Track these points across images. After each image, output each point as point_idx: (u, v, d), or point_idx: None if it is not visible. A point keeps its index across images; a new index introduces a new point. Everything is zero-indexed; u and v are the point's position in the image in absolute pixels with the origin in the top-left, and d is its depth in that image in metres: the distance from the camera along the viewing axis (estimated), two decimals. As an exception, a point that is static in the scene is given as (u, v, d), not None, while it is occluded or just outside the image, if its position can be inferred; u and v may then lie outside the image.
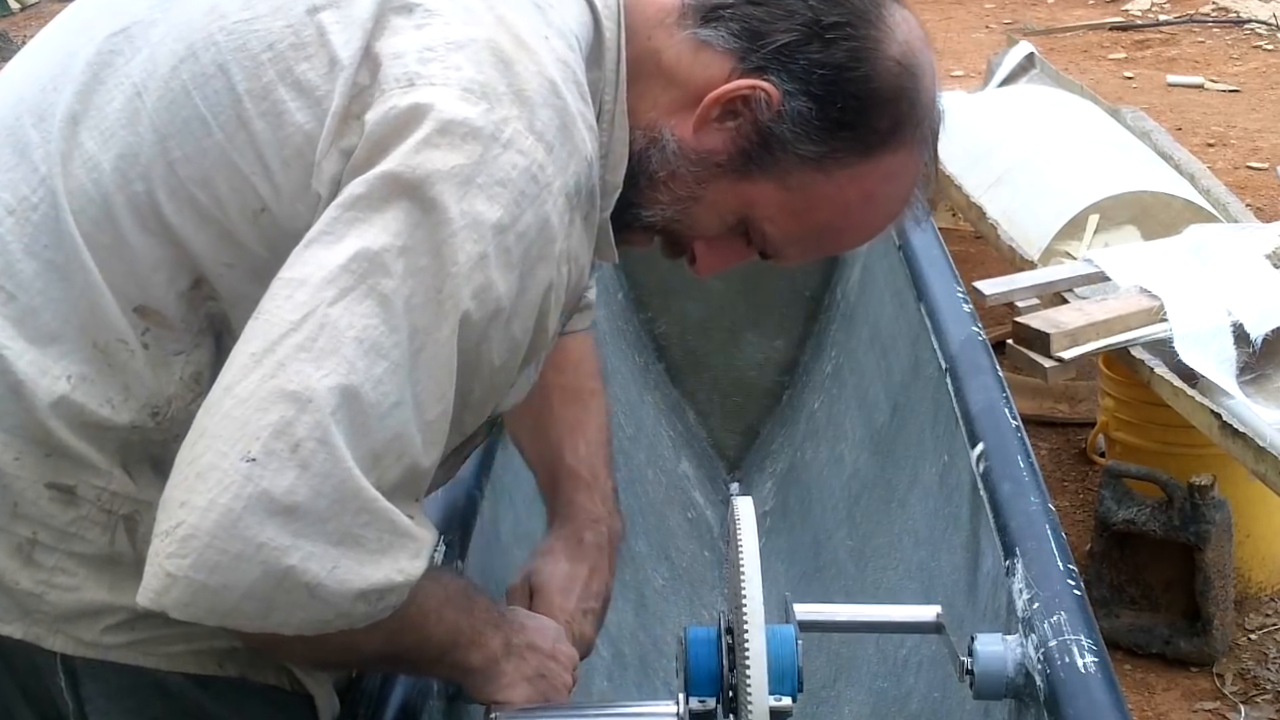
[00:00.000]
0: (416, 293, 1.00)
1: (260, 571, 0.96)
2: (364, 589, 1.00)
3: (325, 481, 0.97)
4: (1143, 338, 2.71)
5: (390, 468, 1.01)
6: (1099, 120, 4.01)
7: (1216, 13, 8.09)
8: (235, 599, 0.97)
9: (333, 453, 0.97)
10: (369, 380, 0.98)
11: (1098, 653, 1.31)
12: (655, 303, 3.21)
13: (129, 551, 1.12)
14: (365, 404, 0.98)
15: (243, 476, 0.96)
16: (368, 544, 1.00)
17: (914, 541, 2.11)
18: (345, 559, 0.99)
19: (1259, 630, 2.94)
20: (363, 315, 0.99)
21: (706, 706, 1.32)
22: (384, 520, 1.01)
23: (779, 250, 1.25)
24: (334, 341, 0.98)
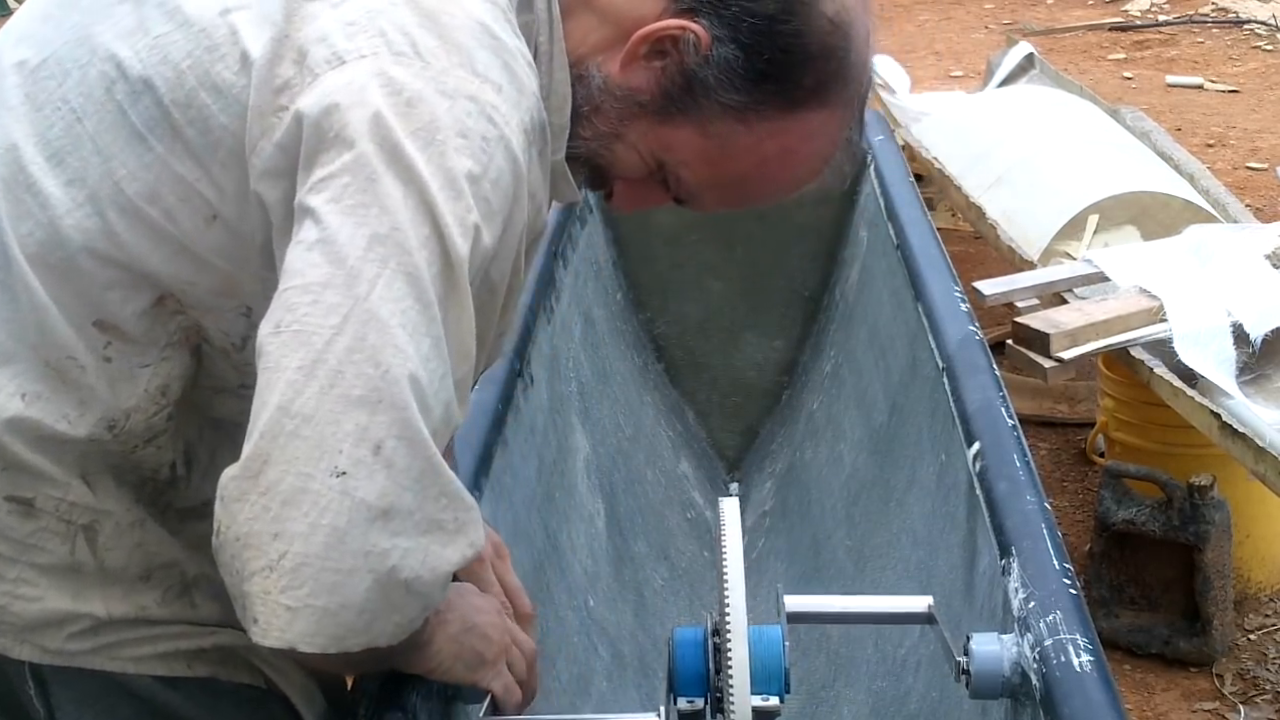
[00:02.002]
0: (431, 263, 0.99)
1: (371, 580, 0.96)
2: (448, 571, 1.01)
3: (408, 475, 0.97)
4: (1142, 338, 2.71)
5: (444, 436, 1.01)
6: (1098, 121, 4.01)
7: (1216, 13, 8.09)
8: (352, 616, 0.96)
9: (412, 445, 0.97)
10: (421, 362, 0.98)
11: (1093, 652, 1.31)
12: (654, 303, 3.22)
13: (90, 560, 1.12)
14: (424, 386, 0.98)
15: (338, 492, 0.95)
16: (447, 525, 1.00)
17: (912, 541, 2.12)
18: (433, 545, 0.99)
19: (1258, 630, 2.94)
20: (398, 299, 0.98)
21: (695, 707, 1.32)
22: (459, 499, 1.01)
23: (693, 196, 1.23)
24: (382, 335, 0.97)
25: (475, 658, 1.24)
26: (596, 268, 2.99)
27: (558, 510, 2.24)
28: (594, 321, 2.86)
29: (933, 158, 3.93)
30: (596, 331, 2.85)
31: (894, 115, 4.31)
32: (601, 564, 2.36)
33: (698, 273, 3.20)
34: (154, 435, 1.11)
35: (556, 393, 2.43)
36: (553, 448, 2.31)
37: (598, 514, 2.45)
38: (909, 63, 6.01)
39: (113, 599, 1.13)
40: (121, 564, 1.13)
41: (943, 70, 7.28)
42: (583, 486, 2.43)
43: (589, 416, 2.60)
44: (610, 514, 2.50)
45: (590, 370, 2.71)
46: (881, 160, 3.06)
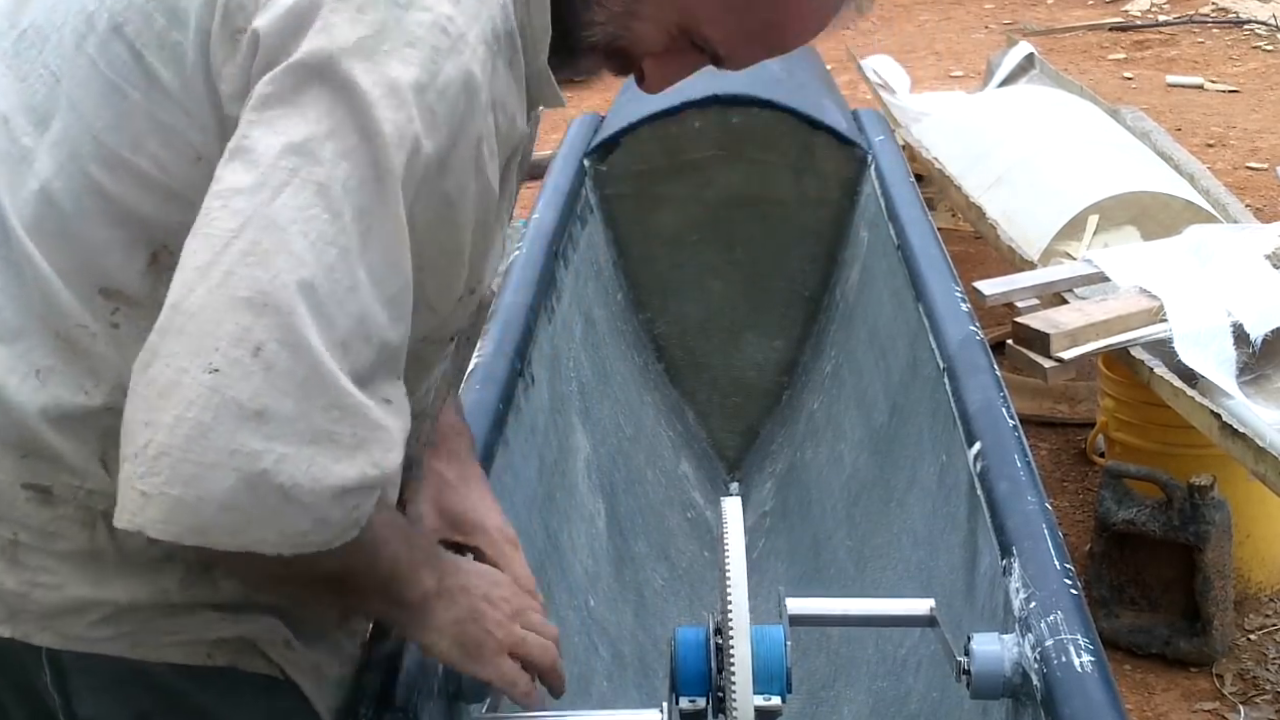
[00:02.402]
0: (351, 174, 0.98)
1: (235, 479, 0.95)
2: (340, 486, 0.98)
3: (290, 381, 0.96)
4: (1142, 338, 2.71)
5: (361, 352, 1.00)
6: (1099, 121, 4.01)
7: (1216, 13, 8.09)
8: (212, 511, 0.95)
9: (296, 352, 0.96)
10: (321, 270, 0.97)
11: (1094, 652, 1.31)
12: (655, 303, 3.22)
13: (109, 546, 1.12)
14: (322, 295, 0.97)
15: (207, 388, 0.94)
16: (342, 440, 0.98)
17: (912, 541, 2.12)
18: (320, 457, 0.97)
19: (1259, 631, 2.94)
20: (303, 207, 0.97)
21: (697, 706, 1.32)
22: (356, 415, 0.99)
23: (728, 53, 1.20)
24: (279, 240, 0.96)
25: (474, 647, 1.23)
26: (597, 268, 2.99)
27: (558, 510, 2.24)
28: (594, 321, 2.86)
29: (933, 158, 3.93)
30: (597, 331, 2.85)
31: (894, 115, 4.31)
32: (602, 564, 2.37)
33: (698, 273, 3.20)
34: None
35: (557, 393, 2.43)
36: (553, 448, 2.31)
37: (598, 514, 2.45)
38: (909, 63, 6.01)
39: (134, 584, 1.13)
40: (141, 546, 1.11)
41: (943, 70, 7.28)
42: (583, 486, 2.43)
43: (589, 416, 2.60)
44: (611, 514, 2.50)
45: (591, 370, 2.71)
46: (882, 160, 3.06)
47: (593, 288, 2.91)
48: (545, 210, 2.77)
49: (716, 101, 3.07)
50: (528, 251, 2.55)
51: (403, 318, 1.03)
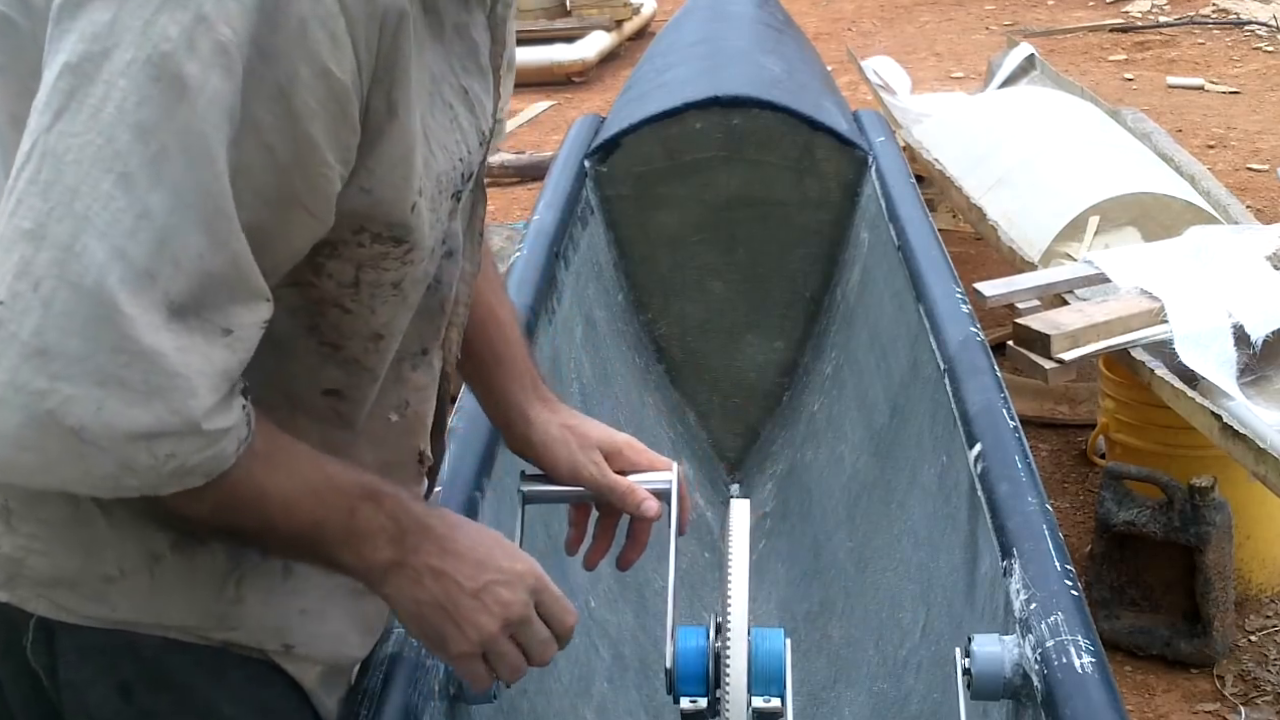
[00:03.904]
0: (130, 92, 0.92)
1: (22, 416, 0.92)
2: (132, 431, 0.94)
3: (73, 320, 0.92)
4: (1143, 339, 2.71)
5: (173, 280, 0.94)
6: (1099, 122, 4.01)
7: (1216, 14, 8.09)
8: (8, 449, 0.93)
9: (77, 289, 0.91)
10: (98, 200, 0.92)
11: (1095, 653, 1.31)
12: (655, 304, 3.22)
13: (96, 511, 1.10)
14: (102, 227, 0.92)
15: None
16: (133, 385, 0.93)
17: (913, 542, 2.12)
18: (110, 400, 0.93)
19: (1259, 632, 2.94)
20: (77, 134, 0.92)
21: (698, 706, 1.32)
22: (148, 359, 0.93)
23: None
24: (55, 170, 0.92)
25: (435, 637, 1.18)
26: (598, 269, 2.99)
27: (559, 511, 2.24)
28: (595, 323, 2.86)
29: (933, 159, 3.93)
30: (597, 333, 2.85)
31: (895, 116, 4.31)
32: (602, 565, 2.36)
33: (699, 274, 3.20)
34: None
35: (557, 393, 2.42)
36: (554, 449, 2.30)
37: (599, 515, 2.45)
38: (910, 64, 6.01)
39: (126, 551, 1.11)
40: (132, 512, 1.10)
41: (943, 71, 7.29)
42: (584, 487, 2.42)
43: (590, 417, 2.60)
44: (611, 515, 2.49)
45: (591, 371, 2.71)
46: (882, 161, 3.07)
47: (593, 289, 2.91)
48: (546, 211, 2.77)
49: (717, 103, 3.07)
50: (528, 252, 2.55)
51: (224, 239, 0.96)
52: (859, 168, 3.12)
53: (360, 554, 1.12)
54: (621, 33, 8.23)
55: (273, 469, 1.05)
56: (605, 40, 8.01)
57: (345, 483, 1.11)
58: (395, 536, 1.13)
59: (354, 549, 1.12)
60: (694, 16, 3.90)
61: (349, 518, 1.11)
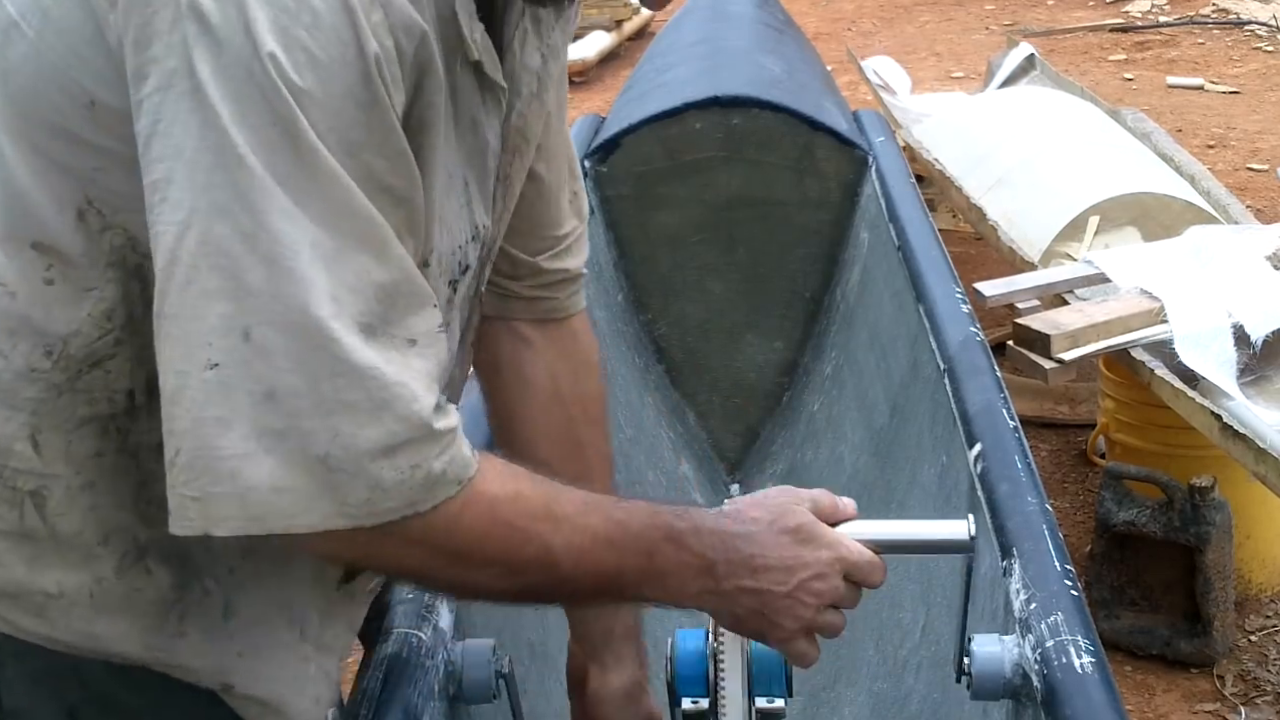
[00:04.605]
0: (258, 137, 0.94)
1: (272, 461, 0.94)
2: (371, 450, 0.96)
3: (288, 358, 0.94)
4: (1143, 339, 2.71)
5: (354, 301, 0.96)
6: (1099, 122, 4.01)
7: (1216, 14, 8.09)
8: (264, 496, 0.95)
9: (284, 326, 0.94)
10: (272, 238, 0.94)
11: (1095, 653, 1.31)
12: (655, 304, 3.22)
13: (41, 527, 1.08)
14: (286, 262, 0.94)
15: (215, 384, 0.94)
16: (358, 405, 0.96)
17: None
18: (343, 425, 0.95)
19: (1259, 631, 2.94)
20: (231, 186, 0.94)
21: (699, 707, 1.32)
22: (365, 377, 0.96)
23: None
24: (223, 225, 0.94)
25: (757, 635, 1.21)
26: (597, 269, 2.99)
27: (559, 511, 2.24)
28: (595, 323, 2.84)
29: (933, 159, 3.93)
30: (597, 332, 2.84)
31: (895, 116, 4.31)
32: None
33: (699, 274, 3.20)
34: (98, 360, 1.07)
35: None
36: (554, 449, 2.30)
37: (599, 515, 2.45)
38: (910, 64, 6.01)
39: (69, 568, 1.09)
40: (75, 529, 1.09)
41: (943, 71, 7.28)
42: (584, 487, 2.42)
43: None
44: (611, 515, 2.49)
45: (591, 371, 2.70)
46: (882, 162, 3.07)
47: (593, 289, 2.91)
48: (546, 211, 2.77)
49: (717, 103, 3.07)
50: (528, 252, 2.54)
51: (385, 252, 0.99)
52: (859, 168, 3.12)
53: (666, 590, 1.15)
54: (621, 33, 8.22)
55: (555, 525, 1.08)
56: (605, 40, 8.01)
57: (638, 527, 1.13)
58: (703, 569, 1.15)
59: (658, 588, 1.15)
60: (694, 16, 3.90)
61: (648, 561, 1.13)
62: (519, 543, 1.07)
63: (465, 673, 1.45)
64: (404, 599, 1.46)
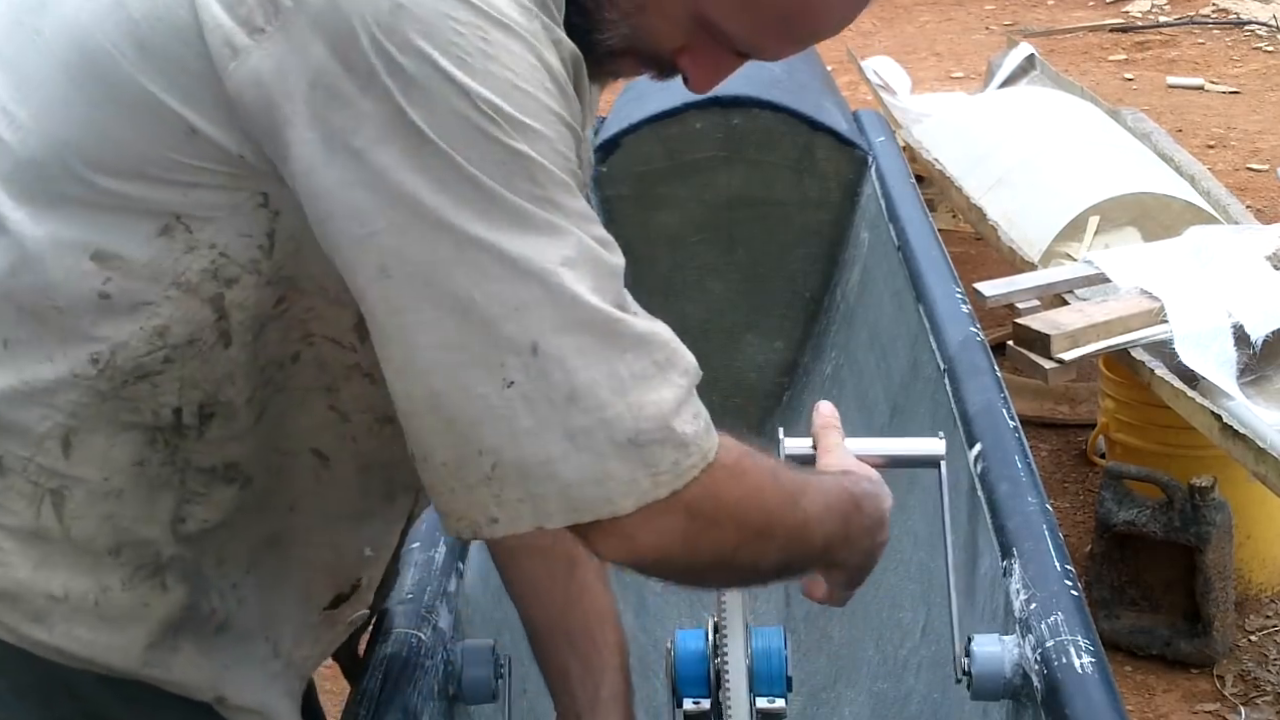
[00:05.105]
0: (490, 168, 0.96)
1: (587, 458, 0.97)
2: (667, 411, 1.00)
3: (578, 357, 0.97)
4: (1143, 339, 2.71)
5: (610, 286, 1.00)
6: (1099, 122, 4.01)
7: (1216, 14, 8.09)
8: (587, 489, 0.98)
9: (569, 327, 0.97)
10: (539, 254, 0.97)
11: (1095, 653, 1.31)
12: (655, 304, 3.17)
13: (55, 527, 1.07)
14: (555, 272, 0.97)
15: (519, 397, 0.96)
16: (648, 373, 1.00)
17: (913, 542, 2.11)
18: (643, 397, 0.99)
19: (1259, 632, 2.94)
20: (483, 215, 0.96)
21: (701, 707, 1.32)
22: (646, 342, 1.01)
23: (753, 46, 1.12)
24: (487, 252, 0.96)
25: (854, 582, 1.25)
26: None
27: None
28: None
29: (933, 159, 3.93)
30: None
31: (895, 116, 4.31)
32: (602, 565, 2.36)
33: (699, 274, 3.20)
34: (145, 374, 1.05)
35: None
36: (554, 449, 2.30)
37: (599, 515, 2.45)
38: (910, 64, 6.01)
39: (75, 574, 1.08)
40: (89, 535, 1.08)
41: (943, 71, 7.28)
42: (584, 487, 2.42)
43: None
44: (611, 515, 2.49)
45: (591, 371, 2.70)
46: (882, 162, 3.06)
47: (593, 289, 2.91)
48: (546, 211, 2.77)
49: (717, 103, 3.07)
50: (528, 252, 2.54)
51: (611, 241, 1.03)
52: (859, 168, 3.12)
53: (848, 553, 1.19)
54: (622, 33, 8.21)
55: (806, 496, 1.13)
56: (605, 40, 8.00)
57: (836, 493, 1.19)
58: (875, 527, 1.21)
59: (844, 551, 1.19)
60: (694, 17, 3.90)
61: (845, 527, 1.18)
62: (778, 508, 1.12)
63: (465, 673, 1.45)
64: (404, 599, 1.46)
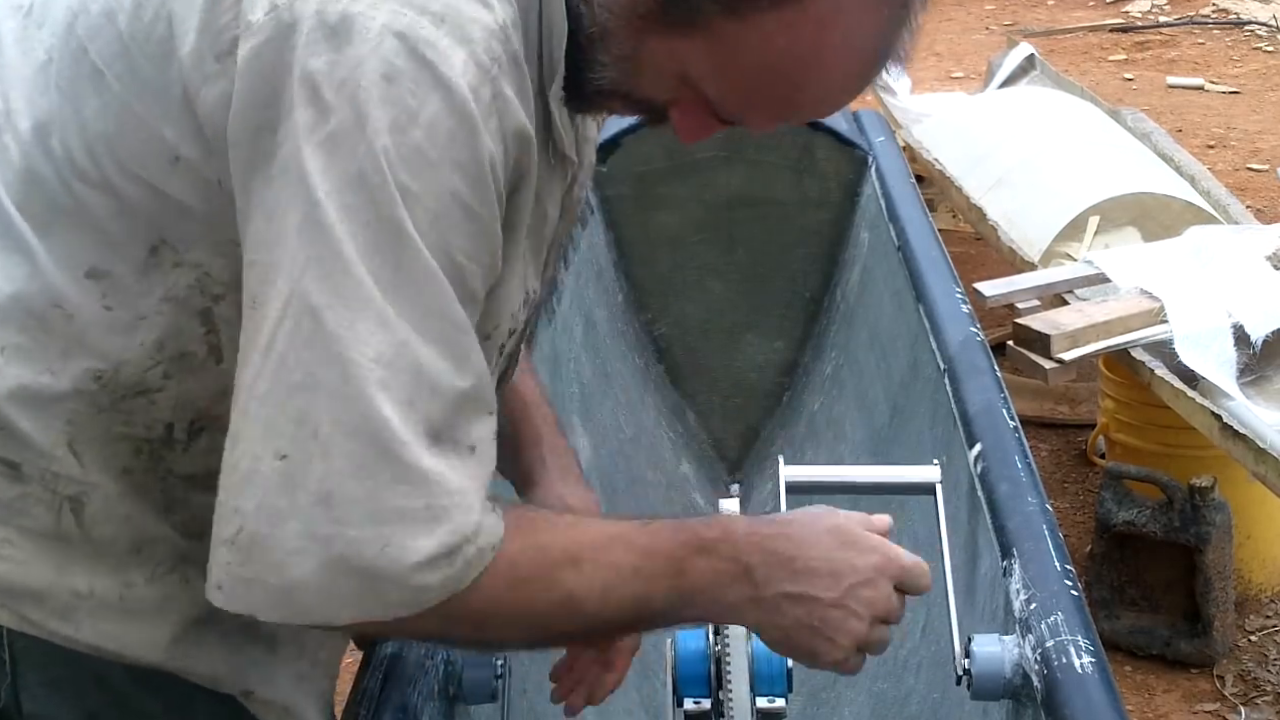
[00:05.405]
0: (359, 233, 0.95)
1: (316, 562, 0.95)
2: (419, 561, 0.96)
3: (352, 461, 0.95)
4: (1143, 339, 2.71)
5: (430, 405, 0.97)
6: (1099, 122, 4.01)
7: (1216, 14, 8.09)
8: (308, 595, 0.96)
9: (354, 430, 0.95)
10: (358, 341, 0.95)
11: (1095, 653, 1.31)
12: (655, 304, 3.21)
13: (76, 532, 1.09)
14: (365, 365, 0.95)
15: (280, 475, 0.95)
16: (416, 514, 0.96)
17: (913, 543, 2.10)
18: (395, 534, 0.96)
19: (1259, 632, 2.94)
20: (327, 279, 0.95)
21: (701, 707, 1.32)
22: (428, 485, 0.96)
23: (733, 114, 1.09)
24: (314, 320, 0.95)
25: (808, 655, 1.14)
26: (598, 269, 2.99)
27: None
28: (595, 323, 2.85)
29: (933, 159, 3.93)
30: (597, 333, 2.85)
31: (895, 116, 4.31)
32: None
33: (699, 274, 3.20)
34: (145, 390, 1.08)
35: (558, 394, 2.42)
36: (554, 449, 2.30)
37: (599, 515, 2.45)
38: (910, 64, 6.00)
39: (99, 573, 1.10)
40: (110, 537, 1.10)
41: (943, 71, 7.28)
42: (584, 487, 2.43)
43: (590, 417, 2.60)
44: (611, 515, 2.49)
45: (591, 371, 2.71)
46: (882, 162, 3.06)
47: (593, 289, 2.91)
48: (546, 211, 2.77)
49: (717, 102, 3.07)
50: (528, 252, 2.55)
51: (463, 357, 0.99)
52: (859, 168, 3.12)
53: (705, 607, 1.12)
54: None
55: (577, 568, 1.06)
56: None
57: (665, 547, 1.10)
58: (739, 575, 1.11)
59: (695, 605, 1.11)
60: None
61: (680, 579, 1.09)
62: (540, 593, 1.06)
63: (465, 673, 1.45)
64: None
